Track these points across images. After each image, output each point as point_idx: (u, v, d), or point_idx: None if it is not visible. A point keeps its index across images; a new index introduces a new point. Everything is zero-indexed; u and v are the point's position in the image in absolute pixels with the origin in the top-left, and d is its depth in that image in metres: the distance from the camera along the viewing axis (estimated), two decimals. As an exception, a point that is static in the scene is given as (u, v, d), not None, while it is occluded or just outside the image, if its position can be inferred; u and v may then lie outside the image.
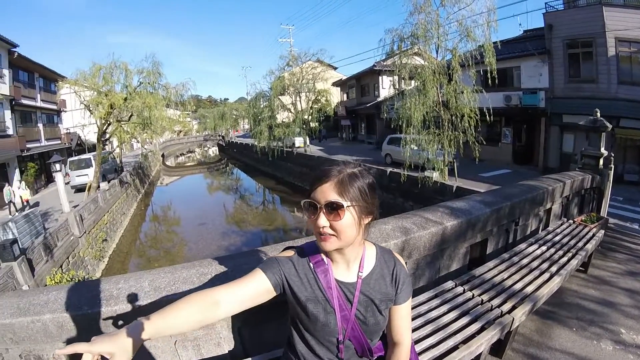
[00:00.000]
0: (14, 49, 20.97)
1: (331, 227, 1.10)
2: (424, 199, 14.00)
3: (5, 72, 20.35)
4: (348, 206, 1.08)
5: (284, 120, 29.25)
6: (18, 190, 17.61)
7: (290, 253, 1.30)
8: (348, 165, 1.16)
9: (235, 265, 2.27)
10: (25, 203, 16.64)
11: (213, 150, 63.59)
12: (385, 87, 27.28)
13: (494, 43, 12.67)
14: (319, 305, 1.22)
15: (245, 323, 2.20)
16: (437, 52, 13.64)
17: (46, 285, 9.57)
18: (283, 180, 28.10)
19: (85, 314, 2.00)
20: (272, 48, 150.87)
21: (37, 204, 17.54)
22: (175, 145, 63.98)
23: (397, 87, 17.06)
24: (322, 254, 1.26)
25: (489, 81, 12.32)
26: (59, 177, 14.69)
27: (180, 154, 64.02)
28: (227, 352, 2.23)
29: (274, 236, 16.77)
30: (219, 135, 57.83)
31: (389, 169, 16.46)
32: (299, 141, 28.52)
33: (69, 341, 2.05)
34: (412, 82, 14.51)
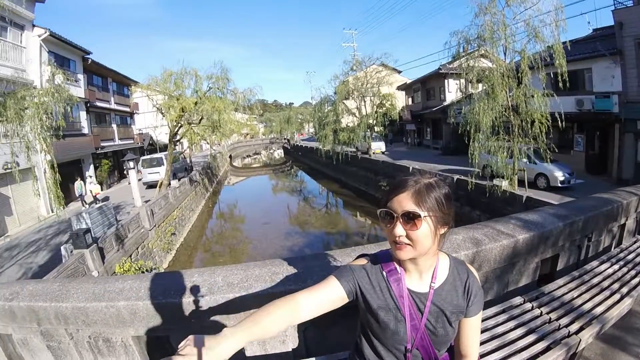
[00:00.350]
0: (88, 56, 23.05)
1: (407, 236, 1.12)
2: (492, 209, 13.38)
3: (80, 76, 22.42)
4: (425, 216, 1.09)
5: (348, 124, 29.25)
6: (89, 185, 19.18)
7: (364, 261, 1.34)
8: (424, 175, 1.17)
9: (306, 267, 2.33)
10: (95, 197, 17.91)
11: (278, 153, 65.36)
12: (452, 91, 26.43)
13: (563, 43, 11.90)
14: (389, 313, 1.24)
15: (312, 324, 2.24)
16: (504, 54, 12.97)
17: (115, 272, 10.37)
18: (347, 184, 28.03)
19: (159, 304, 2.14)
20: (336, 53, 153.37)
21: (106, 198, 18.97)
22: (242, 147, 66.57)
23: (464, 90, 16.42)
24: (395, 263, 1.28)
25: (559, 84, 11.56)
26: (132, 174, 15.88)
27: (247, 156, 66.52)
28: (290, 350, 2.31)
29: (336, 240, 16.74)
30: (285, 139, 59.14)
31: (456, 176, 15.63)
32: (375, 146, 28.06)
33: (150, 331, 2.22)
34: (480, 85, 13.95)
